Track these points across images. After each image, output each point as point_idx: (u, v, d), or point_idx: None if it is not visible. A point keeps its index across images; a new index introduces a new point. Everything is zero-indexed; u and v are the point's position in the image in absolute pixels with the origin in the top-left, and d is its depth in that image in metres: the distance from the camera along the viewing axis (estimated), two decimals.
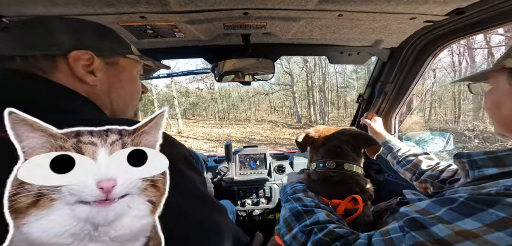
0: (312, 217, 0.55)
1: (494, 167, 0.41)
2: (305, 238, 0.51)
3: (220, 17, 0.77)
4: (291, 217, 0.59)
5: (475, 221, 0.31)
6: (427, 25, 0.85)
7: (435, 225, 0.34)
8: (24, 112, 0.24)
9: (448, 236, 0.32)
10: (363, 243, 0.43)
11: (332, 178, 0.73)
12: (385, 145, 1.00)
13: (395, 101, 1.25)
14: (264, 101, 21.76)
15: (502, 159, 0.40)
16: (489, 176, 0.41)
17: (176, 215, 0.31)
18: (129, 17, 0.72)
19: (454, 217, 0.33)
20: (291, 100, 17.68)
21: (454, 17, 0.77)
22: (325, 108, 15.36)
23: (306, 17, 0.78)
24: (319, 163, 0.78)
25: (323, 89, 15.47)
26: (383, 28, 0.87)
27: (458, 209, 0.34)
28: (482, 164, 0.43)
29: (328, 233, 0.49)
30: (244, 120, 18.65)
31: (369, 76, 1.35)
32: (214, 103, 19.96)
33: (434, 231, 0.34)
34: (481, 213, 0.31)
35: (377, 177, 1.42)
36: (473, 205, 0.33)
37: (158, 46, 1.03)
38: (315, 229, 0.51)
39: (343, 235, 0.48)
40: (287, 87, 17.11)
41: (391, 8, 0.71)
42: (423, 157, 0.86)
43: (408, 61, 1.06)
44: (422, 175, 0.81)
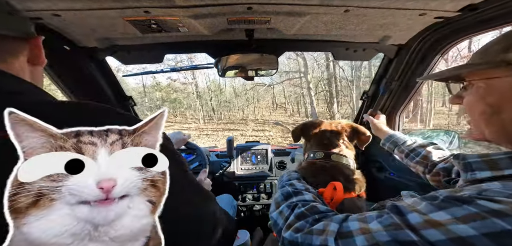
0: (299, 196, 0.59)
1: (488, 170, 0.40)
2: (289, 212, 0.55)
3: (224, 12, 0.76)
4: (281, 197, 0.62)
5: (446, 213, 0.34)
6: (438, 22, 0.82)
7: (411, 213, 0.37)
8: None
9: (418, 223, 0.35)
10: (340, 218, 0.46)
11: (315, 165, 0.81)
12: (389, 140, 0.97)
13: (400, 99, 1.22)
14: (266, 96, 18.17)
15: (497, 162, 0.39)
16: (481, 179, 0.41)
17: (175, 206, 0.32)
18: (134, 11, 0.72)
19: (429, 209, 0.36)
20: (300, 93, 14.46)
21: (466, 14, 0.74)
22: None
23: (311, 13, 0.76)
24: (310, 154, 0.86)
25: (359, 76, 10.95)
26: (391, 24, 0.84)
27: (436, 203, 0.36)
28: (476, 167, 0.42)
29: (310, 208, 0.52)
30: (239, 121, 15.46)
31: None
32: (200, 100, 16.10)
33: (408, 218, 0.37)
34: (454, 208, 0.34)
35: (378, 175, 1.41)
36: (450, 201, 0.35)
37: (162, 41, 1.02)
38: (299, 204, 0.55)
39: (323, 210, 0.51)
40: (297, 76, 13.05)
41: (400, 4, 0.68)
42: (431, 147, 0.82)
43: (415, 59, 1.03)
44: (434, 167, 0.77)
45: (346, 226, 0.43)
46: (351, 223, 0.43)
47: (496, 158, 0.39)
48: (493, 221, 0.29)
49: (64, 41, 0.92)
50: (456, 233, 0.31)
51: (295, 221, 0.51)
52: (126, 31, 0.88)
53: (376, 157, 1.42)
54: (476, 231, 0.30)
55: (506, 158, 0.38)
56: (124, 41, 1.00)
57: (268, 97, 18.54)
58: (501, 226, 0.29)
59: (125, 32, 0.89)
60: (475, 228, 0.30)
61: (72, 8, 0.69)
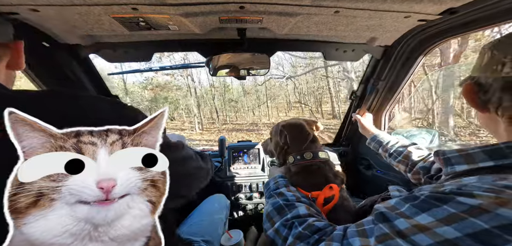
0: (292, 211, 0.58)
1: (465, 163, 0.43)
2: (286, 231, 0.55)
3: (216, 10, 0.75)
4: (274, 212, 0.62)
5: (429, 216, 0.35)
6: (420, 24, 0.87)
7: (398, 219, 0.38)
8: None
9: (406, 228, 0.36)
10: (339, 234, 0.46)
11: (309, 168, 0.78)
12: (374, 139, 1.02)
13: (386, 99, 1.28)
14: (280, 92, 13.36)
15: (472, 156, 0.42)
16: (460, 173, 0.44)
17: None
18: (120, 8, 0.69)
19: (413, 212, 0.37)
20: (325, 87, 11.48)
21: (446, 17, 0.78)
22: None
23: (303, 13, 0.78)
24: (296, 156, 0.81)
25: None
26: (378, 26, 0.88)
27: (418, 205, 0.37)
28: (454, 161, 0.45)
29: (307, 226, 0.52)
30: (248, 128, 12.11)
31: None
32: (197, 99, 12.97)
33: (396, 224, 0.38)
34: (435, 209, 0.35)
35: (366, 173, 1.46)
36: (430, 202, 0.36)
37: (151, 39, 0.99)
38: (295, 223, 0.54)
39: (321, 227, 0.51)
40: (322, 65, 10.32)
41: (387, 6, 0.71)
42: (412, 147, 0.88)
43: (400, 59, 1.08)
44: (414, 166, 0.83)
45: (347, 243, 0.43)
46: (352, 240, 0.43)
47: (471, 151, 0.43)
48: (473, 222, 0.31)
49: (43, 37, 0.86)
50: (443, 236, 0.32)
51: (295, 242, 0.51)
52: (112, 28, 0.84)
53: (364, 155, 1.48)
54: (459, 232, 0.31)
55: (480, 152, 0.41)
56: (110, 38, 0.95)
57: (281, 95, 14.31)
58: (479, 225, 0.30)
59: (111, 30, 0.85)
60: (458, 229, 0.32)
61: (52, 3, 0.65)
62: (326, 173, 0.77)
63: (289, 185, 0.73)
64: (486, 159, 0.40)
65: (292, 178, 0.78)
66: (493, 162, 0.39)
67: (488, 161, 0.40)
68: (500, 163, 0.38)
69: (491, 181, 0.35)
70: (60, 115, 0.26)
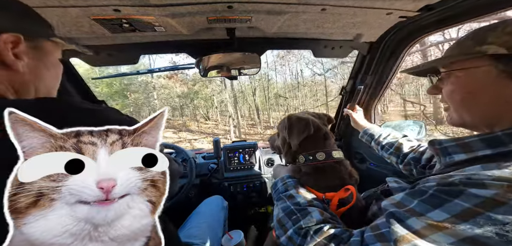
0: (306, 217, 0.55)
1: (462, 152, 0.44)
2: (300, 239, 0.52)
3: (204, 10, 0.75)
4: (285, 218, 0.58)
5: (442, 212, 0.34)
6: (402, 21, 0.91)
7: (410, 218, 0.37)
8: None
9: (423, 227, 0.35)
10: (357, 241, 0.44)
11: (324, 169, 0.72)
12: (366, 133, 1.05)
13: (375, 93, 1.32)
14: (332, 87, 10.00)
15: (470, 145, 0.43)
16: (459, 162, 0.44)
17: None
18: (101, 10, 0.66)
19: (424, 208, 0.36)
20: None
21: (425, 13, 0.83)
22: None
23: (290, 11, 0.79)
24: (308, 156, 0.74)
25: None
26: (362, 22, 0.91)
27: (428, 200, 0.37)
28: (452, 150, 0.46)
29: (323, 234, 0.49)
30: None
31: None
32: (234, 94, 9.78)
33: (410, 225, 0.37)
34: (448, 204, 0.34)
35: (360, 166, 1.50)
36: (441, 196, 0.36)
37: (136, 41, 0.97)
38: (310, 232, 0.51)
39: (338, 234, 0.49)
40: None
41: (369, 3, 0.75)
42: (403, 139, 0.90)
43: (385, 55, 1.13)
44: (405, 158, 0.84)
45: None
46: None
47: (469, 141, 0.43)
48: (490, 216, 0.30)
49: None
50: (463, 234, 0.31)
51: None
52: (93, 30, 0.80)
53: (357, 149, 1.51)
54: (480, 228, 0.31)
55: (478, 140, 0.42)
56: (92, 41, 0.90)
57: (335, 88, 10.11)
58: (500, 220, 0.30)
59: (91, 32, 0.81)
60: (476, 224, 0.31)
61: (27, 3, 0.62)
62: (341, 175, 0.71)
63: (298, 186, 0.68)
64: (484, 147, 0.40)
65: (303, 177, 0.72)
66: (491, 150, 0.39)
67: (486, 149, 0.40)
68: (498, 150, 0.38)
69: (497, 168, 0.34)
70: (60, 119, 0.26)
